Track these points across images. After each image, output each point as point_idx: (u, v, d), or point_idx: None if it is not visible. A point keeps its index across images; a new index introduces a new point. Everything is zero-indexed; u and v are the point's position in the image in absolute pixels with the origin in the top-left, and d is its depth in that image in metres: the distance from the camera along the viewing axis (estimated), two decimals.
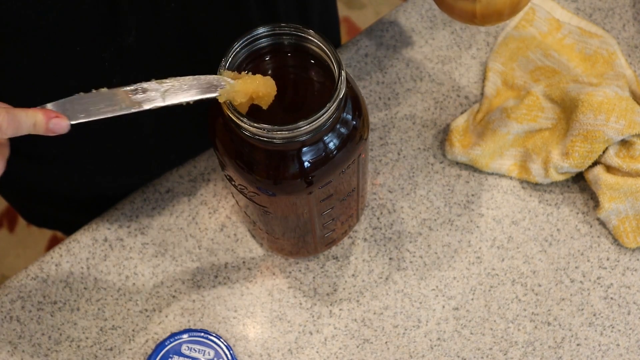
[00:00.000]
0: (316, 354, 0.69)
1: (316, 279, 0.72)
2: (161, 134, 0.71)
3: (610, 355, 0.68)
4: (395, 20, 0.81)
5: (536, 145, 0.73)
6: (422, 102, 0.77)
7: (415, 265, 0.72)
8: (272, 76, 0.53)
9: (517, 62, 0.78)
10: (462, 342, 0.69)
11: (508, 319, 0.70)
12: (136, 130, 0.69)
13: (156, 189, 0.75)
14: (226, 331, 0.70)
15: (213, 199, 0.74)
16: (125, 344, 0.70)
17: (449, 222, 0.73)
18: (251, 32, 0.53)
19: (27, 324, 0.71)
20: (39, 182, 0.76)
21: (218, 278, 0.72)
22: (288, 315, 0.71)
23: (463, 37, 0.80)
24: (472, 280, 0.71)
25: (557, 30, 0.79)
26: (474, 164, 0.74)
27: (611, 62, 0.77)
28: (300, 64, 0.56)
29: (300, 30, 0.53)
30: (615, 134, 0.68)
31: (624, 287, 0.70)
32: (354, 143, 0.56)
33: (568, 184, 0.74)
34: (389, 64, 0.79)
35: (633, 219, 0.71)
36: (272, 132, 0.50)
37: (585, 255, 0.72)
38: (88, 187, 0.76)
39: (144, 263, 0.73)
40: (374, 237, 0.73)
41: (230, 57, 0.52)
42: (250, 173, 0.55)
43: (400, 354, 0.69)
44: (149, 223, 0.74)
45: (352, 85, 0.57)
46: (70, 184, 0.75)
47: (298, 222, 0.63)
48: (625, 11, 0.81)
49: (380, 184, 0.74)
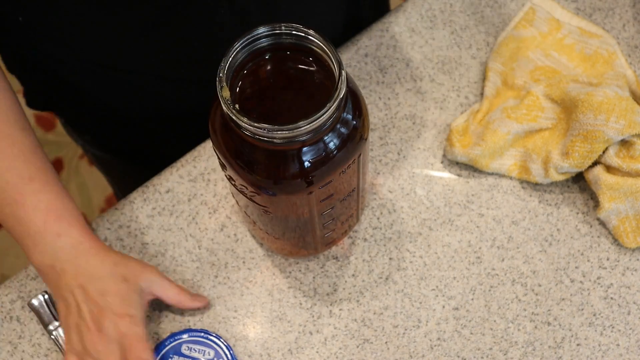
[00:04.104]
0: (316, 354, 0.69)
1: (316, 279, 0.72)
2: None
3: (610, 355, 0.68)
4: (395, 20, 0.81)
5: (536, 145, 0.73)
6: (422, 102, 0.77)
7: (415, 265, 0.72)
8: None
9: (517, 62, 0.78)
10: (462, 342, 0.69)
11: (508, 319, 0.70)
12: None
13: (156, 189, 0.75)
14: (226, 331, 0.70)
15: (213, 199, 0.74)
16: None
17: (449, 222, 0.73)
18: (251, 32, 0.53)
19: (27, 324, 0.71)
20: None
21: (218, 278, 0.72)
22: (288, 315, 0.71)
23: (463, 37, 0.80)
24: (472, 280, 0.71)
25: (557, 30, 0.79)
26: (474, 164, 0.74)
27: (611, 62, 0.77)
28: (300, 64, 0.56)
29: (301, 30, 0.53)
30: (615, 134, 0.68)
31: (624, 287, 0.70)
32: (354, 143, 0.56)
33: (568, 184, 0.74)
34: (389, 64, 0.79)
35: (633, 219, 0.70)
36: (272, 132, 0.50)
37: (585, 255, 0.72)
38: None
39: None
40: (374, 237, 0.73)
41: (231, 57, 0.52)
42: (250, 173, 0.55)
43: (400, 354, 0.69)
44: (149, 223, 0.74)
45: (352, 85, 0.57)
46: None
47: (298, 222, 0.63)
48: (625, 11, 0.81)
49: (380, 184, 0.74)
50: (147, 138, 0.85)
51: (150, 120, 0.80)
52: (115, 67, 0.72)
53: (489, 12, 0.81)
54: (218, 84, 0.51)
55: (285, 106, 0.56)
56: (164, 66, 0.72)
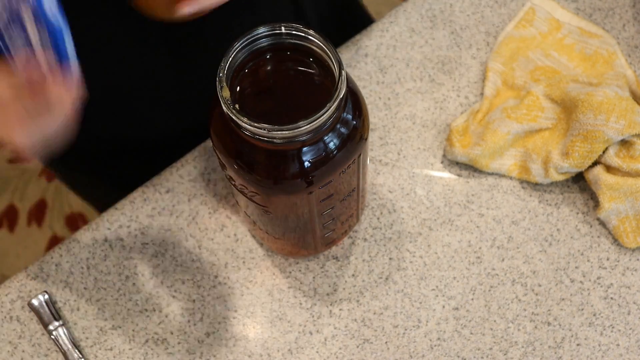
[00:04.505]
0: (316, 354, 0.69)
1: (316, 279, 0.72)
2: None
3: (610, 355, 0.68)
4: (395, 20, 0.81)
5: (536, 145, 0.73)
6: (422, 102, 0.77)
7: (415, 265, 0.72)
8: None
9: (517, 62, 0.78)
10: (462, 342, 0.69)
11: (508, 319, 0.70)
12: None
13: (156, 189, 0.75)
14: (226, 331, 0.70)
15: (213, 199, 0.74)
16: (125, 344, 0.70)
17: (449, 222, 0.73)
18: (251, 32, 0.53)
19: (27, 324, 0.71)
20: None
21: (218, 278, 0.72)
22: (288, 315, 0.71)
23: (463, 37, 0.80)
24: (472, 280, 0.71)
25: (557, 30, 0.79)
26: (474, 164, 0.74)
27: (611, 62, 0.77)
28: (300, 64, 0.56)
29: (301, 30, 0.53)
30: (615, 134, 0.68)
31: (624, 287, 0.70)
32: (354, 143, 0.56)
33: (568, 184, 0.74)
34: (389, 64, 0.79)
35: (633, 219, 0.70)
36: (272, 132, 0.50)
37: (585, 255, 0.72)
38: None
39: (144, 263, 0.73)
40: (374, 237, 0.73)
41: (231, 57, 0.52)
42: (250, 173, 0.55)
43: (400, 354, 0.69)
44: (149, 223, 0.74)
45: (352, 85, 0.57)
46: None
47: (298, 222, 0.63)
48: (625, 11, 0.81)
49: (380, 184, 0.74)
50: (130, 161, 0.83)
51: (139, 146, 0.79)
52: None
53: (489, 12, 0.81)
54: (218, 84, 0.51)
55: (285, 106, 0.56)
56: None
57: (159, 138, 0.78)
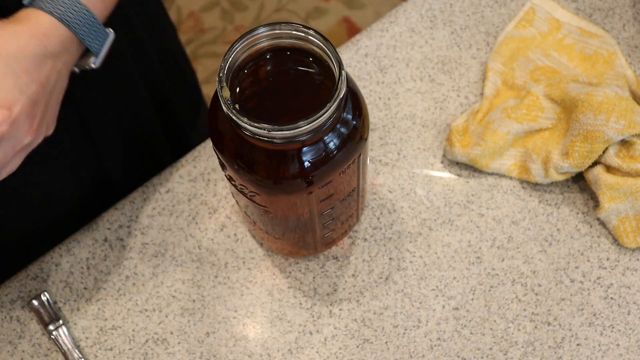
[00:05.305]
0: (316, 354, 0.69)
1: (316, 279, 0.72)
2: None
3: (610, 355, 0.68)
4: (395, 20, 0.81)
5: (536, 145, 0.73)
6: (422, 102, 0.77)
7: (415, 265, 0.72)
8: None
9: (517, 62, 0.78)
10: (462, 342, 0.69)
11: (508, 319, 0.70)
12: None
13: (156, 189, 0.75)
14: (226, 331, 0.70)
15: (213, 199, 0.74)
16: (125, 344, 0.70)
17: (449, 222, 0.73)
18: (251, 32, 0.53)
19: (27, 324, 0.71)
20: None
21: (218, 278, 0.72)
22: (288, 315, 0.71)
23: (463, 37, 0.80)
24: (472, 280, 0.71)
25: (557, 30, 0.79)
26: (474, 164, 0.74)
27: (611, 62, 0.77)
28: (300, 64, 0.56)
29: (301, 30, 0.53)
30: (615, 134, 0.68)
31: (624, 287, 0.70)
32: (354, 143, 0.56)
33: (568, 184, 0.74)
34: (389, 64, 0.79)
35: (633, 219, 0.71)
36: (272, 131, 0.50)
37: (585, 255, 0.72)
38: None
39: (144, 263, 0.73)
40: (374, 237, 0.73)
41: (231, 57, 0.52)
42: (250, 173, 0.55)
43: (400, 354, 0.69)
44: (149, 223, 0.74)
45: (352, 85, 0.57)
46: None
47: (298, 222, 0.63)
48: (625, 11, 0.81)
49: (380, 184, 0.74)
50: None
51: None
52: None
53: (489, 12, 0.81)
54: (218, 84, 0.51)
55: (285, 106, 0.56)
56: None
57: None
